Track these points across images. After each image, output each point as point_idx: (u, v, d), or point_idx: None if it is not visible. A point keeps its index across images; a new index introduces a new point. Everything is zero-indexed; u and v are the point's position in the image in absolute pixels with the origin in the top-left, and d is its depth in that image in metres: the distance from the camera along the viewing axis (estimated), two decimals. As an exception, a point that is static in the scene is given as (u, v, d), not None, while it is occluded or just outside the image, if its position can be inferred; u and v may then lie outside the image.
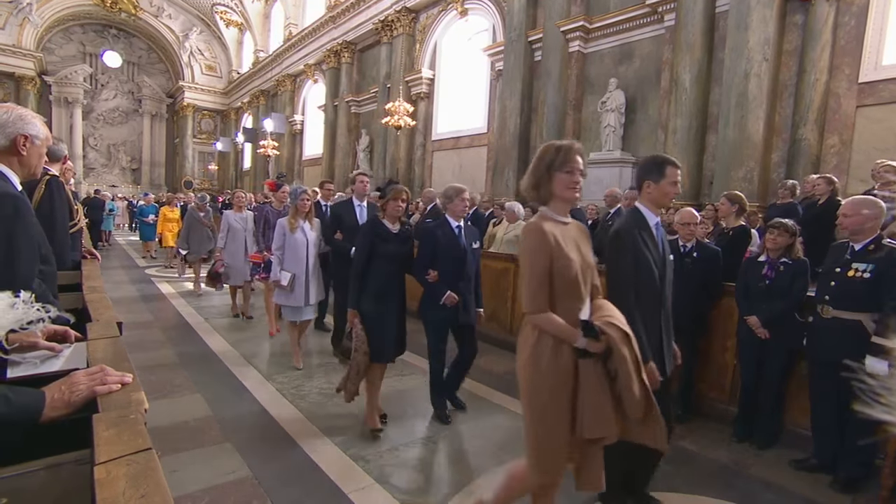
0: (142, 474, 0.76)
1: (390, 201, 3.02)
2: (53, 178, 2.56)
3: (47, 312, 1.08)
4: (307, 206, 4.22)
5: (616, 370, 1.61)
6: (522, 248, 1.72)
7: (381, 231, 3.05)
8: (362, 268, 3.01)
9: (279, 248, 4.17)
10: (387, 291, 3.04)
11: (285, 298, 4.16)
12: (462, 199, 3.19)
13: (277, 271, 4.13)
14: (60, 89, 22.78)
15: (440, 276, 3.14)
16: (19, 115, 1.55)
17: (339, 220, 4.36)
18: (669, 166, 2.13)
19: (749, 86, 6.13)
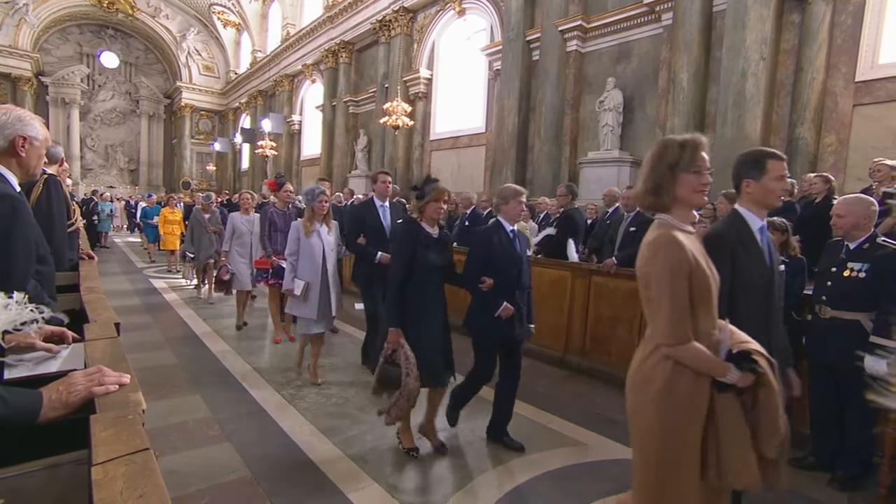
0: (139, 474, 0.76)
1: (431, 203, 2.70)
2: (51, 176, 2.55)
3: (41, 313, 1.07)
4: (325, 207, 3.83)
5: (756, 402, 1.42)
6: (654, 268, 1.42)
7: (422, 237, 2.71)
8: (403, 280, 2.66)
9: (293, 254, 3.78)
10: (431, 305, 2.73)
11: (299, 308, 3.79)
12: (519, 201, 2.86)
13: (291, 279, 3.77)
14: (57, 90, 22.72)
15: (494, 285, 2.78)
16: (18, 117, 1.55)
17: (362, 222, 4.03)
18: (771, 160, 1.78)
19: (746, 85, 6.15)
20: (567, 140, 9.00)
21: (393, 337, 2.62)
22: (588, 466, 2.76)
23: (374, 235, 3.94)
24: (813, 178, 4.87)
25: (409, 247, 2.67)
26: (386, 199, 4.09)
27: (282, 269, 4.55)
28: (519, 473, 2.68)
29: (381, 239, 3.95)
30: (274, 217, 4.97)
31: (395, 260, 2.74)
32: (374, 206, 4.04)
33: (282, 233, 4.77)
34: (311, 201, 3.81)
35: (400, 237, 2.79)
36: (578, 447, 2.98)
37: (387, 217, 4.04)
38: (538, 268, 4.92)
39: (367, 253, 3.91)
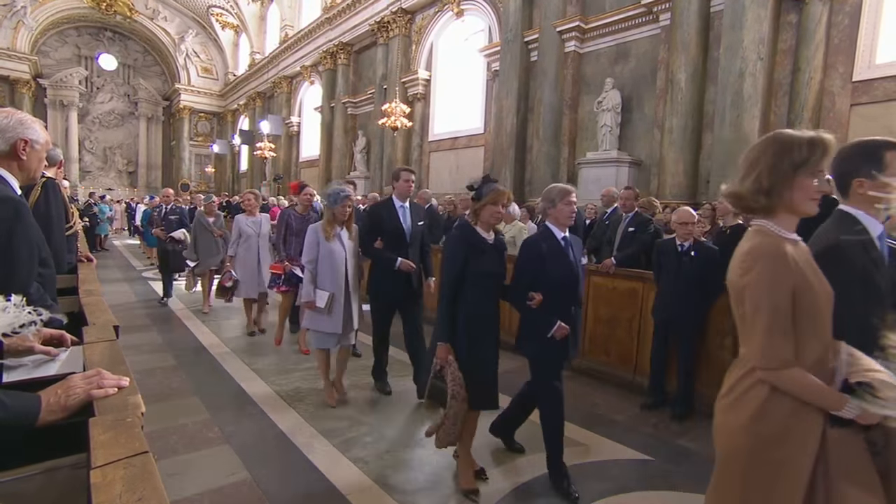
0: (138, 478, 0.76)
1: (489, 205, 2.40)
2: (50, 179, 2.55)
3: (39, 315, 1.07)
4: (348, 212, 3.40)
5: (888, 443, 1.22)
6: (750, 280, 1.25)
7: (476, 242, 2.43)
8: (456, 289, 2.40)
9: (311, 262, 3.36)
10: (485, 318, 2.46)
11: (320, 322, 3.35)
12: (569, 201, 2.51)
13: (311, 290, 3.31)
14: (56, 92, 22.71)
15: (545, 301, 2.45)
16: (19, 120, 1.55)
17: (379, 224, 3.63)
18: (890, 151, 1.44)
19: (744, 85, 6.16)
20: (565, 140, 9.01)
21: (441, 352, 2.35)
22: (588, 467, 2.75)
23: (392, 239, 3.57)
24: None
25: (461, 251, 2.40)
26: (406, 200, 3.71)
27: (294, 275, 4.36)
28: (519, 474, 2.67)
29: (400, 243, 3.58)
30: (291, 220, 4.66)
31: (446, 267, 2.43)
32: (394, 207, 3.63)
33: (297, 237, 4.51)
34: (334, 204, 3.37)
35: (453, 242, 2.49)
36: (578, 447, 2.97)
37: (407, 219, 3.64)
38: None
39: (386, 258, 3.53)
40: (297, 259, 4.39)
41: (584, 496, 2.45)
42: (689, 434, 3.27)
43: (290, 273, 4.43)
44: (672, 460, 2.91)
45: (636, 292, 4.07)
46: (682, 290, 3.46)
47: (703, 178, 7.02)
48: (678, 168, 7.04)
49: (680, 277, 3.46)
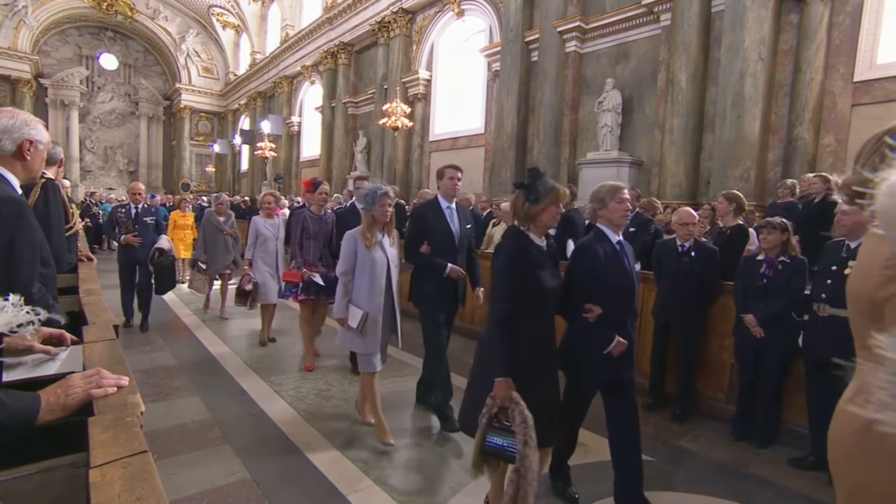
0: (137, 477, 0.75)
1: (549, 206, 2.02)
2: (49, 180, 2.55)
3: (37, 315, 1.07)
4: (389, 213, 2.97)
5: None
6: None
7: (535, 253, 2.03)
8: (513, 311, 1.98)
9: (346, 273, 2.94)
10: (545, 343, 2.10)
11: (352, 341, 2.97)
12: (620, 199, 2.22)
13: (343, 305, 2.91)
14: (56, 92, 22.71)
15: (602, 313, 2.18)
16: (24, 121, 1.56)
17: (425, 227, 3.27)
18: None
19: (745, 85, 6.16)
20: (566, 141, 9.01)
21: (503, 390, 1.90)
22: (588, 467, 2.75)
23: (440, 243, 3.22)
24: (812, 178, 4.87)
25: (519, 264, 1.99)
26: (453, 200, 3.35)
27: (313, 282, 4.04)
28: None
29: (448, 247, 3.25)
30: (307, 222, 4.20)
31: (500, 284, 2.02)
32: (440, 208, 3.29)
33: (315, 240, 4.18)
34: (372, 204, 2.91)
35: (509, 255, 2.03)
36: (578, 448, 2.97)
37: (455, 221, 3.30)
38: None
39: (435, 265, 3.19)
40: (315, 264, 4.15)
41: (583, 496, 2.45)
42: (689, 435, 3.27)
43: (308, 280, 4.06)
44: (672, 461, 2.91)
45: (636, 293, 4.06)
46: (682, 291, 3.46)
47: (703, 179, 7.02)
48: (679, 168, 7.03)
49: (680, 278, 3.46)
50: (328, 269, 4.17)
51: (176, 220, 8.11)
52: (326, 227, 4.23)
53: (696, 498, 2.53)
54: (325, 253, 4.24)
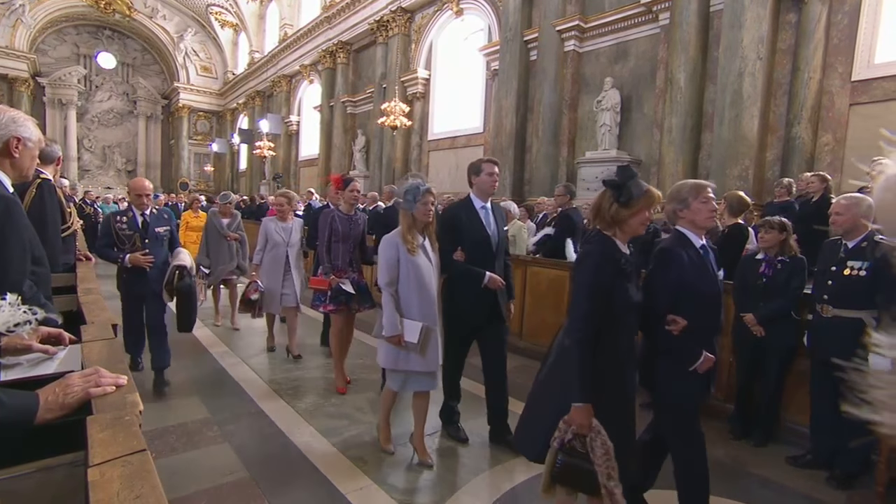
0: (136, 476, 0.75)
1: (641, 210, 1.82)
2: (45, 181, 2.54)
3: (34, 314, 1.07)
4: (431, 211, 2.67)
5: None
6: None
7: (622, 262, 1.82)
8: (594, 328, 1.76)
9: (391, 283, 2.61)
10: (628, 364, 1.88)
11: (409, 361, 2.62)
12: (706, 198, 2.00)
13: (397, 320, 2.57)
14: (54, 91, 22.65)
15: (688, 325, 1.93)
16: (12, 118, 1.55)
17: (457, 229, 2.88)
18: None
19: (743, 84, 6.16)
20: (565, 140, 9.01)
21: (582, 417, 1.71)
22: None
23: (476, 249, 2.85)
24: (810, 178, 4.89)
25: (606, 277, 1.77)
26: (489, 199, 2.97)
27: (342, 290, 3.67)
28: (516, 474, 2.68)
29: (485, 254, 2.88)
30: (336, 223, 3.76)
31: (582, 297, 1.80)
32: (474, 209, 2.91)
33: (344, 243, 3.76)
34: (413, 202, 2.60)
35: (595, 265, 1.80)
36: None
37: (491, 223, 2.93)
38: (536, 268, 4.94)
39: (473, 274, 2.83)
40: (344, 270, 3.75)
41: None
42: (688, 433, 3.27)
43: (336, 289, 3.67)
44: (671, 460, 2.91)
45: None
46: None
47: (702, 178, 7.01)
48: (677, 167, 7.04)
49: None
50: (359, 275, 3.82)
51: (189, 222, 7.20)
52: (357, 228, 3.83)
53: (694, 496, 2.53)
54: (355, 257, 3.84)
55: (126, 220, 3.56)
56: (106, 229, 3.55)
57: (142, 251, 3.55)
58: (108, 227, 3.54)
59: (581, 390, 1.72)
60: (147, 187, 3.59)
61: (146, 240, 3.58)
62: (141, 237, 3.56)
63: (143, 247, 3.56)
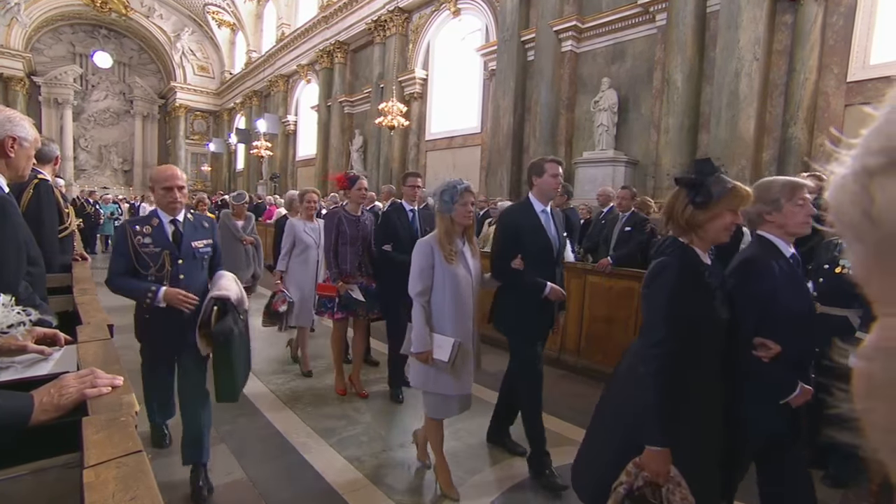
0: (132, 477, 0.75)
1: (724, 213, 1.53)
2: (42, 181, 2.54)
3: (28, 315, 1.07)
4: (472, 214, 2.38)
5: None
6: None
7: (707, 274, 1.57)
8: (674, 357, 1.49)
9: (423, 294, 2.35)
10: (713, 397, 1.60)
11: (440, 382, 2.35)
12: (802, 200, 1.66)
13: (426, 335, 2.32)
14: (50, 90, 22.54)
15: (782, 351, 1.62)
16: (7, 117, 1.55)
17: (518, 236, 2.60)
18: None
19: (740, 85, 6.19)
20: (562, 140, 9.03)
21: (658, 463, 1.45)
22: (584, 465, 2.76)
23: (536, 256, 2.58)
24: (806, 178, 4.91)
25: (690, 293, 1.51)
26: (549, 202, 2.69)
27: (351, 298, 3.45)
28: (514, 473, 2.68)
29: (546, 261, 2.63)
30: (343, 225, 3.50)
31: (662, 318, 1.51)
32: (534, 212, 2.66)
33: (352, 246, 3.53)
34: (450, 203, 2.32)
35: (674, 278, 1.52)
36: (574, 447, 2.98)
37: (552, 227, 2.66)
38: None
39: (532, 285, 2.56)
40: (353, 275, 3.53)
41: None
42: (685, 433, 3.28)
43: (345, 296, 3.46)
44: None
45: (633, 291, 4.08)
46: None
47: (698, 178, 7.05)
48: (674, 168, 7.05)
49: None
50: (367, 280, 3.62)
51: None
52: (365, 229, 3.59)
53: (690, 495, 2.54)
54: (363, 260, 3.63)
55: (150, 230, 2.30)
56: (121, 247, 2.30)
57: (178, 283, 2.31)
58: (125, 244, 2.28)
59: (658, 432, 1.44)
60: (179, 176, 2.35)
61: (179, 260, 2.32)
62: (172, 257, 2.31)
63: (176, 272, 2.31)
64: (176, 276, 2.31)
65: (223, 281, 2.32)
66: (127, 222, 2.39)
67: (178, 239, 2.35)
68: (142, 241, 2.28)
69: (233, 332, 2.13)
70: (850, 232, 0.24)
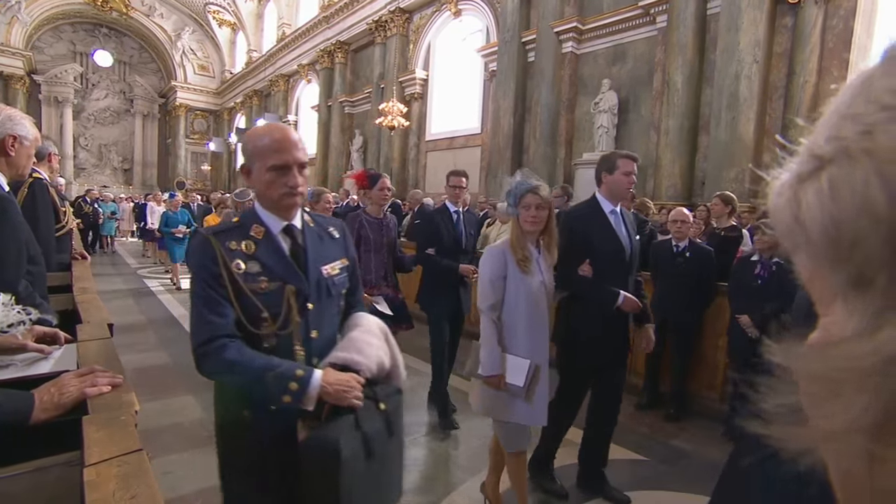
0: (132, 475, 0.76)
1: None
2: (37, 180, 2.53)
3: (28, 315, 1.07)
4: (539, 220, 2.04)
5: None
6: None
7: None
8: None
9: (495, 307, 2.06)
10: None
11: (514, 410, 2.04)
12: None
13: (498, 356, 2.02)
14: (50, 89, 22.53)
15: None
16: (8, 116, 1.55)
17: (586, 240, 2.33)
18: None
19: (740, 87, 6.20)
20: (562, 141, 9.04)
21: None
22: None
23: (607, 263, 2.31)
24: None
25: None
26: (619, 203, 2.40)
27: (377, 312, 2.92)
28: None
29: (618, 267, 2.34)
30: (365, 229, 3.12)
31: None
32: (603, 213, 2.35)
33: (377, 253, 3.15)
34: (514, 206, 2.07)
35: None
36: (574, 447, 2.99)
37: (622, 230, 2.37)
38: None
39: (603, 295, 2.30)
40: (378, 286, 3.12)
41: (578, 496, 2.46)
42: (683, 434, 3.28)
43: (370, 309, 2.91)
44: (666, 460, 2.93)
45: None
46: (677, 291, 3.48)
47: (698, 180, 7.06)
48: (674, 170, 7.07)
49: (675, 278, 3.49)
50: (394, 291, 3.20)
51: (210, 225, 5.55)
52: (389, 233, 3.19)
53: (689, 498, 2.55)
54: (389, 270, 3.20)
55: (253, 247, 1.25)
56: (210, 283, 1.21)
57: (308, 341, 1.30)
58: (215, 276, 1.20)
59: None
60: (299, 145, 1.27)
61: (309, 304, 1.28)
62: (300, 297, 1.27)
63: (306, 326, 1.28)
64: (307, 334, 1.26)
65: (361, 334, 1.33)
66: (212, 233, 1.24)
67: (301, 261, 1.29)
68: (243, 267, 1.21)
69: (338, 452, 1.10)
70: (786, 239, 0.25)
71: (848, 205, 0.21)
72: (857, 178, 0.21)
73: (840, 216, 0.21)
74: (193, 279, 1.23)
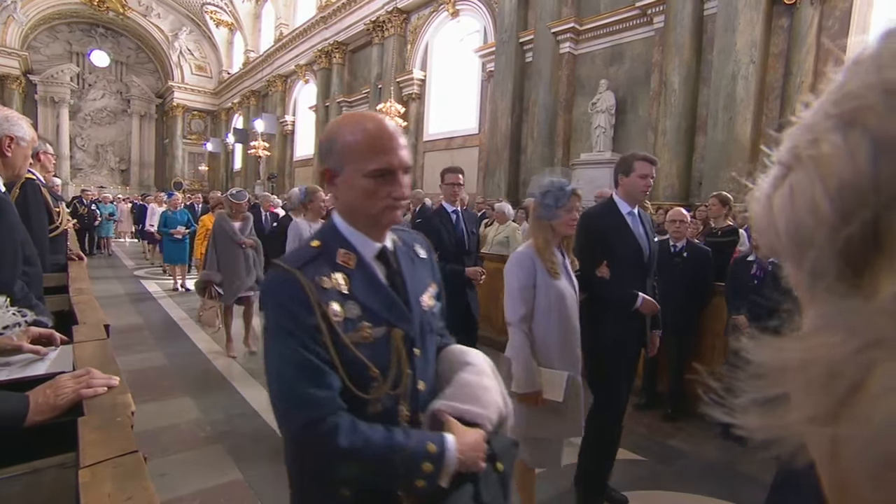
0: (128, 477, 0.75)
1: None
2: (29, 180, 2.52)
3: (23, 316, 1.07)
4: (574, 221, 1.97)
5: None
6: None
7: None
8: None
9: (526, 318, 1.92)
10: None
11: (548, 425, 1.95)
12: None
13: (534, 373, 1.88)
14: (46, 89, 22.45)
15: None
16: (5, 117, 1.55)
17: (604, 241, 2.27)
18: None
19: (737, 88, 6.22)
20: (560, 141, 9.05)
21: None
22: (580, 466, 2.76)
23: (624, 263, 2.25)
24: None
25: None
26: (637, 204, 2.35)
27: None
28: (511, 474, 2.68)
29: (636, 269, 2.31)
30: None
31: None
32: (620, 214, 2.31)
33: None
34: (553, 208, 1.88)
35: None
36: (574, 447, 2.99)
37: (640, 231, 2.32)
38: None
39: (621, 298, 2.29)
40: None
41: (577, 495, 2.46)
42: (681, 434, 3.29)
43: None
44: (664, 460, 2.93)
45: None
46: (674, 291, 3.48)
47: (695, 180, 7.08)
48: (671, 170, 7.09)
49: (672, 278, 3.49)
50: None
51: (207, 227, 5.38)
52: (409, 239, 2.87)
53: (687, 497, 2.55)
54: None
55: (346, 281, 0.91)
56: (297, 337, 0.85)
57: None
58: (305, 327, 0.85)
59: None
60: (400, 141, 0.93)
61: (414, 349, 0.97)
62: (408, 344, 0.95)
63: (414, 380, 0.97)
64: (414, 387, 0.98)
65: (473, 376, 1.03)
66: (297, 266, 0.89)
67: (402, 294, 0.99)
68: (340, 312, 0.90)
69: None
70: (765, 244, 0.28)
71: (801, 208, 0.23)
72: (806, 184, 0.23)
73: (796, 218, 0.24)
74: (275, 333, 0.88)
